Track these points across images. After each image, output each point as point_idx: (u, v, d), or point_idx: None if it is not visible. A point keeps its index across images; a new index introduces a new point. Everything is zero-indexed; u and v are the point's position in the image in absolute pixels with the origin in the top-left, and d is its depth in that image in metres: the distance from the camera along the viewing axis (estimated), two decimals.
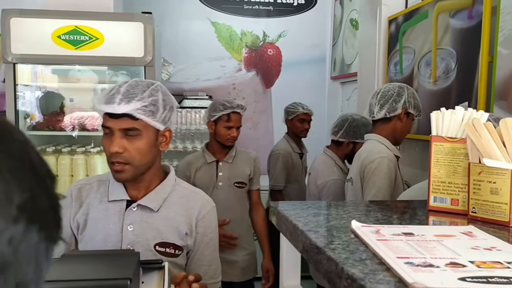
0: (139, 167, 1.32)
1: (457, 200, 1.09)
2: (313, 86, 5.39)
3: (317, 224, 0.97)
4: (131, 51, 2.83)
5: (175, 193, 1.41)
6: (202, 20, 5.17)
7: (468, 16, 2.48)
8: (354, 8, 4.69)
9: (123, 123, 1.27)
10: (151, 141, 1.32)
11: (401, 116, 2.13)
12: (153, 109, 1.29)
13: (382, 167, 1.99)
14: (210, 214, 1.43)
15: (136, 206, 1.36)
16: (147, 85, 1.32)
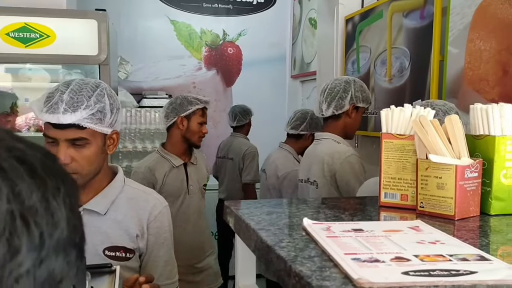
0: (87, 175, 1.27)
1: (407, 196, 1.11)
2: (274, 84, 5.42)
3: (269, 222, 0.97)
4: (85, 49, 2.75)
5: (124, 194, 1.37)
6: (161, 18, 5.09)
7: (420, 16, 2.55)
8: (312, 7, 4.74)
9: (69, 133, 1.21)
10: (99, 148, 1.27)
11: (349, 112, 2.11)
12: (101, 116, 1.24)
13: (354, 165, 2.00)
14: (163, 214, 1.39)
15: (82, 210, 1.32)
16: (92, 89, 1.25)
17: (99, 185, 1.34)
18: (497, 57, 2.01)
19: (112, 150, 1.33)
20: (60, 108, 1.19)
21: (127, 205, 1.35)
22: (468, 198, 1.02)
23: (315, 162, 2.12)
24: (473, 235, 0.91)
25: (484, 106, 1.08)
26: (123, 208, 1.34)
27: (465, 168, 1.00)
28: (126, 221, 1.33)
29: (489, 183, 1.05)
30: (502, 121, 1.05)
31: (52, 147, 1.22)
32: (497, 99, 1.98)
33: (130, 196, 1.37)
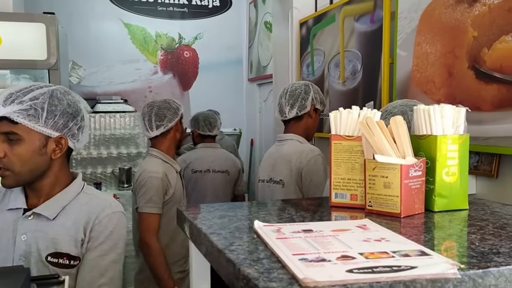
0: (21, 174, 1.24)
1: (356, 195, 1.14)
2: (231, 88, 5.43)
3: (221, 226, 0.97)
4: (33, 54, 2.66)
5: (79, 200, 1.34)
6: (114, 21, 5.00)
7: (371, 20, 2.63)
8: (267, 11, 4.79)
9: (2, 126, 1.22)
10: (35, 148, 1.24)
11: (310, 113, 2.19)
12: (34, 113, 1.22)
13: (319, 164, 2.06)
14: (110, 219, 1.33)
15: (31, 214, 1.28)
16: (37, 88, 1.25)
17: (52, 190, 1.32)
18: (443, 60, 2.09)
19: (57, 155, 1.29)
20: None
21: (79, 211, 1.32)
22: (413, 196, 1.05)
23: (281, 162, 2.15)
24: (417, 232, 0.95)
25: (426, 107, 1.12)
26: (75, 214, 1.31)
27: (410, 167, 1.04)
28: (75, 227, 1.30)
29: (432, 181, 1.09)
30: (443, 121, 1.10)
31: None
32: (443, 100, 2.07)
33: (84, 202, 1.34)
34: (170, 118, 2.26)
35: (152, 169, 2.19)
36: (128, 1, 5.03)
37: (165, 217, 2.17)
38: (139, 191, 2.16)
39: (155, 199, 2.13)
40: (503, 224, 0.98)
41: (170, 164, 2.27)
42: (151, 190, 2.13)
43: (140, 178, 2.18)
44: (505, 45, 1.77)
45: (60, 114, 1.26)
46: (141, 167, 2.28)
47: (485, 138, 1.86)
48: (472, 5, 1.92)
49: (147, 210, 2.13)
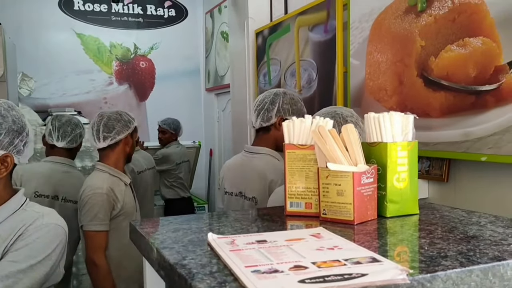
0: None
1: (311, 204, 1.15)
2: (189, 98, 5.39)
3: (174, 240, 0.95)
4: None
5: (15, 218, 1.27)
6: (66, 31, 4.87)
7: (324, 30, 2.68)
8: (224, 21, 4.80)
9: None
10: None
11: (276, 124, 2.01)
12: None
13: None
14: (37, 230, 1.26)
15: None
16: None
17: None
18: (393, 68, 2.16)
19: (3, 174, 1.24)
20: None
21: (11, 228, 1.25)
22: (366, 202, 1.07)
23: (253, 177, 1.99)
24: (369, 238, 0.96)
25: (376, 115, 1.15)
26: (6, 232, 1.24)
27: (362, 174, 1.05)
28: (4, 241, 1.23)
29: (384, 187, 1.11)
30: (392, 129, 1.13)
31: None
32: (395, 108, 2.13)
33: (20, 219, 1.28)
34: (119, 130, 2.17)
35: (95, 185, 2.09)
36: (80, 11, 4.91)
37: (116, 232, 2.10)
38: (82, 209, 2.07)
39: (100, 216, 2.04)
40: (451, 227, 1.01)
41: (118, 177, 2.18)
42: (95, 206, 2.04)
43: (83, 195, 2.08)
44: (450, 54, 1.85)
45: (6, 132, 1.21)
46: (85, 183, 2.16)
47: (435, 143, 1.92)
48: (419, 15, 1.99)
49: (93, 228, 2.04)
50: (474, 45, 1.75)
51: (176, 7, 5.32)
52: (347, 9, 2.44)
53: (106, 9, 5.00)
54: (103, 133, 2.15)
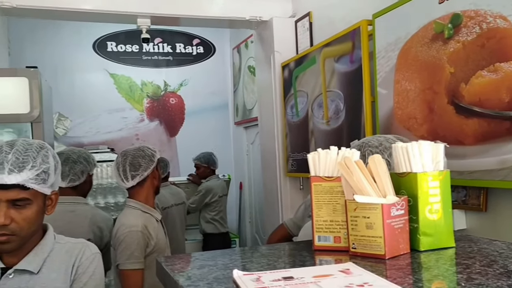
0: (26, 237, 1.24)
1: (339, 238, 1.11)
2: (218, 132, 5.44)
3: (199, 277, 0.93)
4: (16, 108, 2.66)
5: (56, 251, 1.32)
6: (100, 72, 5.06)
7: (350, 61, 2.68)
8: (250, 55, 4.88)
9: (12, 193, 1.19)
10: (40, 208, 1.26)
11: None
12: (45, 176, 1.24)
13: None
14: (91, 261, 1.34)
15: (12, 272, 1.24)
16: (36, 150, 1.25)
17: (29, 245, 1.28)
18: (423, 96, 2.12)
19: (51, 211, 1.31)
20: (6, 169, 1.18)
21: (60, 261, 1.30)
22: (397, 236, 1.03)
23: None
24: (402, 274, 0.91)
25: (404, 145, 1.11)
26: (56, 265, 1.29)
27: (391, 206, 1.02)
28: (60, 278, 1.27)
29: (416, 219, 1.07)
30: (422, 158, 1.09)
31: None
32: (426, 136, 2.08)
33: (63, 251, 1.33)
34: (145, 166, 2.14)
35: (130, 223, 2.06)
36: (113, 52, 5.10)
37: (149, 269, 2.07)
38: (118, 247, 2.04)
39: (136, 254, 2.02)
40: (490, 261, 0.95)
41: (150, 213, 2.16)
42: (131, 245, 2.01)
43: (119, 233, 2.05)
44: (481, 80, 1.80)
45: (57, 172, 1.29)
46: (118, 221, 2.13)
47: (470, 172, 1.85)
48: (447, 42, 1.96)
49: (129, 266, 2.01)
50: (506, 70, 1.70)
51: (204, 44, 5.46)
52: (373, 39, 2.44)
53: (138, 49, 5.18)
54: (131, 172, 2.13)
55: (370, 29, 2.47)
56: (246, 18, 3.52)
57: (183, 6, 3.36)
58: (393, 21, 2.29)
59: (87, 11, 3.17)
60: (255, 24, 3.67)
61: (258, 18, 3.54)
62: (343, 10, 2.95)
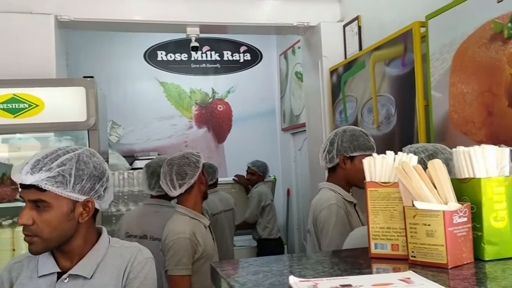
0: (50, 240, 1.24)
1: (397, 245, 1.08)
2: (265, 138, 5.45)
3: (255, 283, 0.93)
4: (74, 116, 2.77)
5: (110, 255, 1.33)
6: (150, 80, 5.21)
7: (402, 64, 2.61)
8: (298, 61, 4.86)
9: (30, 194, 1.21)
10: (63, 214, 1.24)
11: (340, 164, 2.01)
12: (62, 179, 1.22)
13: (331, 214, 1.91)
14: (143, 265, 1.32)
15: (67, 277, 1.27)
16: (64, 154, 1.26)
17: (82, 250, 1.31)
18: (481, 99, 2.03)
19: (85, 219, 1.28)
20: (25, 169, 1.20)
21: (113, 265, 1.31)
22: (460, 244, 0.98)
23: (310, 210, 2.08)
24: (467, 284, 0.87)
25: (467, 149, 1.07)
26: (110, 269, 1.30)
27: (453, 213, 0.97)
28: (113, 283, 1.29)
29: (480, 227, 1.02)
30: (486, 163, 1.04)
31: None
32: (485, 140, 1.99)
33: (116, 255, 1.34)
34: (191, 174, 2.16)
35: (178, 230, 2.09)
36: (163, 61, 5.24)
37: (197, 275, 2.09)
38: (167, 253, 2.08)
39: (184, 260, 2.05)
40: None
41: (198, 220, 2.18)
42: (179, 252, 2.05)
43: (167, 239, 2.09)
44: None
45: (87, 178, 1.26)
46: (167, 227, 2.17)
47: None
48: (507, 42, 1.87)
49: (178, 273, 2.04)
50: None
51: (251, 51, 5.50)
52: (426, 41, 2.37)
53: (186, 58, 5.29)
54: (178, 181, 2.16)
55: (423, 30, 2.40)
56: (294, 24, 3.52)
57: (231, 14, 3.40)
58: (448, 22, 2.21)
59: (139, 22, 3.27)
60: (303, 29, 3.65)
61: (305, 24, 3.53)
62: (393, 12, 2.89)
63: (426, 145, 1.41)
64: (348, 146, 2.00)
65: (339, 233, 1.83)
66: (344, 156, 2.00)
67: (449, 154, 1.37)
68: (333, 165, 2.03)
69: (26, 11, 2.97)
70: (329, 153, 2.03)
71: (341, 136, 2.03)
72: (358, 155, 2.00)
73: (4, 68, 2.89)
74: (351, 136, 2.03)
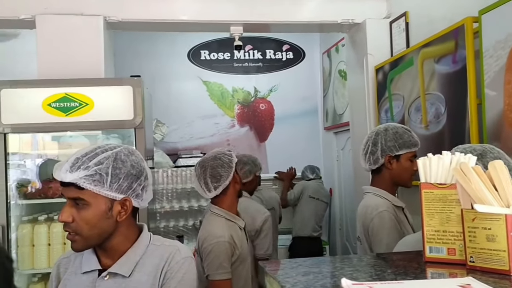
0: (89, 238, 1.25)
1: (454, 250, 1.03)
2: (307, 137, 5.41)
3: (306, 284, 0.91)
4: (121, 114, 2.84)
5: (149, 253, 1.33)
6: (194, 80, 5.27)
7: (453, 61, 2.52)
8: (341, 59, 4.79)
9: (70, 192, 1.23)
10: (101, 212, 1.25)
11: (386, 164, 1.94)
12: (100, 178, 1.22)
13: (383, 222, 1.83)
14: (181, 265, 1.31)
15: (107, 274, 1.29)
16: (102, 152, 1.26)
17: (123, 247, 1.32)
18: None
19: (123, 217, 1.29)
20: (64, 167, 1.22)
21: (152, 264, 1.31)
22: None
23: (358, 217, 1.99)
24: None
25: None
26: (148, 268, 1.31)
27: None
28: (151, 282, 1.29)
29: None
30: None
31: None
32: None
33: (155, 254, 1.34)
34: (226, 175, 2.14)
35: (217, 233, 2.07)
36: (206, 60, 5.30)
37: (233, 276, 2.09)
38: (206, 258, 2.06)
39: (225, 264, 2.04)
40: None
41: (234, 221, 2.17)
42: (220, 256, 2.03)
43: (206, 243, 2.08)
44: None
45: (124, 176, 1.27)
46: (205, 229, 2.15)
47: None
48: None
49: (219, 277, 2.03)
50: None
51: (293, 49, 5.47)
52: (479, 37, 2.27)
53: (229, 57, 5.33)
54: (213, 184, 2.14)
55: (475, 26, 2.31)
56: (338, 21, 3.47)
57: (274, 12, 3.38)
58: (503, 16, 2.11)
59: (185, 22, 3.32)
60: (347, 27, 3.59)
61: (350, 21, 3.47)
62: (443, 8, 2.79)
63: (474, 146, 1.35)
64: (393, 145, 1.93)
65: (394, 240, 1.74)
66: (389, 156, 1.93)
67: (497, 154, 1.31)
68: (377, 166, 1.95)
69: (77, 13, 3.07)
70: (372, 154, 1.95)
71: (383, 135, 1.95)
72: (404, 153, 1.94)
73: (57, 68, 3.00)
74: (395, 134, 1.95)
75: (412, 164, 1.94)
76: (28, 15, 3.04)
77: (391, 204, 1.92)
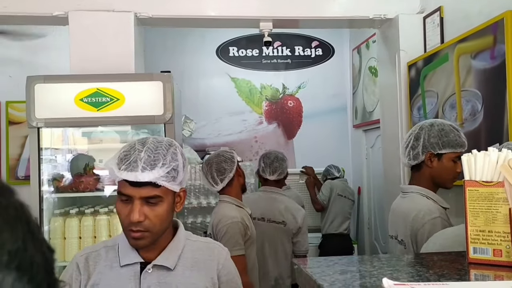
0: (158, 233, 1.28)
1: (500, 251, 0.98)
2: (336, 135, 5.35)
3: (344, 283, 0.88)
4: (151, 110, 2.85)
5: (188, 247, 1.36)
6: (222, 76, 5.27)
7: (491, 56, 2.43)
8: (372, 56, 4.71)
9: (145, 191, 1.23)
10: (170, 206, 1.29)
11: (426, 162, 1.83)
12: (174, 174, 1.26)
13: (436, 230, 1.66)
14: (228, 261, 1.40)
15: (151, 267, 1.29)
16: (166, 148, 1.28)
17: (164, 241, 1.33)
18: None
19: (179, 208, 1.34)
20: (139, 166, 1.21)
21: (194, 258, 1.34)
22: None
23: (402, 219, 1.86)
24: None
25: None
26: (190, 262, 1.33)
27: None
28: (194, 275, 1.31)
29: None
30: None
31: (125, 205, 1.25)
32: None
33: (195, 248, 1.37)
34: (229, 169, 2.44)
35: (230, 215, 2.34)
36: (235, 57, 5.29)
37: None
38: (223, 237, 2.27)
39: (240, 242, 2.29)
40: None
41: (242, 207, 2.44)
42: (235, 234, 2.28)
43: (221, 224, 2.32)
44: None
45: (186, 170, 1.33)
46: (217, 214, 2.41)
47: None
48: None
49: (236, 253, 2.19)
50: None
51: (323, 46, 5.41)
52: None
53: (257, 54, 5.31)
54: (219, 177, 2.44)
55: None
56: (370, 17, 3.39)
57: (304, 7, 3.34)
58: None
59: (214, 18, 3.31)
60: (379, 22, 3.51)
61: (382, 16, 3.39)
62: (480, 2, 2.70)
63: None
64: (436, 142, 1.82)
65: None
66: (431, 153, 1.82)
67: None
68: (417, 162, 1.85)
69: (109, 9, 3.10)
70: (413, 149, 1.85)
71: (428, 130, 1.84)
72: (447, 153, 1.83)
73: (89, 64, 3.03)
74: (440, 131, 1.84)
75: (455, 165, 1.82)
76: (61, 12, 3.08)
77: (440, 206, 1.81)
